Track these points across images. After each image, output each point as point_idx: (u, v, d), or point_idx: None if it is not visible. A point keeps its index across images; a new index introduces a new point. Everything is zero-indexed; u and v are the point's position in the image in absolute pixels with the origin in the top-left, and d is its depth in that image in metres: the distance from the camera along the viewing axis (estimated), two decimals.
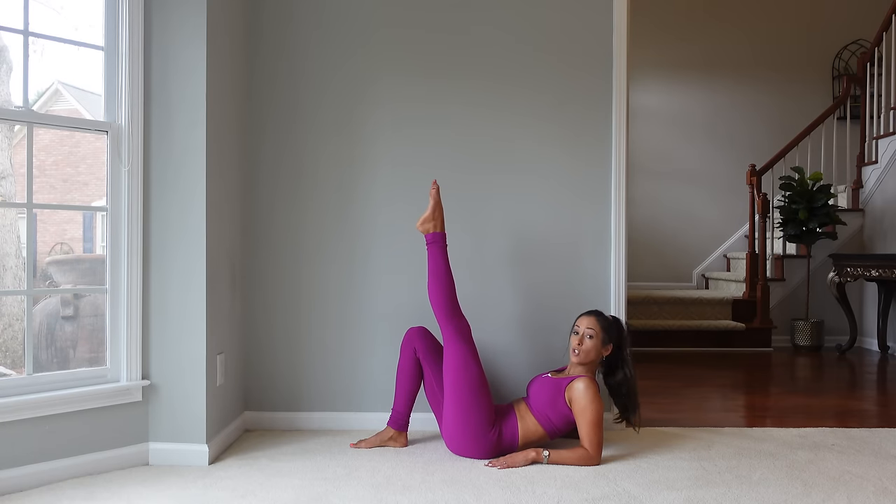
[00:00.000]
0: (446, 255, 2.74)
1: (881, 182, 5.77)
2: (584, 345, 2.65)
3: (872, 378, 4.52)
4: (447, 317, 2.67)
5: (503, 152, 3.11)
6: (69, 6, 3.25)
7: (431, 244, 2.74)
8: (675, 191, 6.88)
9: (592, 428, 2.55)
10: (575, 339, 2.67)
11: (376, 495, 2.27)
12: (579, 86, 3.10)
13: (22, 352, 2.60)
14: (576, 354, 2.66)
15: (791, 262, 5.96)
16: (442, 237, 2.76)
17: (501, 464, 2.55)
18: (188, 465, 2.57)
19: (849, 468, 2.57)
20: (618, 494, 2.28)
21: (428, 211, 2.78)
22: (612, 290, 3.08)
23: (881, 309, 5.48)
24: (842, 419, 3.35)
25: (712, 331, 5.55)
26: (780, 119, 6.75)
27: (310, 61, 3.10)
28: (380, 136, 3.10)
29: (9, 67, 3.64)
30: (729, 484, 2.38)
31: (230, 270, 2.90)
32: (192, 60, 2.60)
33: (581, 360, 2.66)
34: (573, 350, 2.67)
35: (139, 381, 2.58)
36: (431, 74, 3.10)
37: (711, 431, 3.07)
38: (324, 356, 3.10)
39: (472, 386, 2.60)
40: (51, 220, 5.79)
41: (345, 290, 3.10)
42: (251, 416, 3.09)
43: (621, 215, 3.08)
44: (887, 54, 5.82)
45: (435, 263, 2.72)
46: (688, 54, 6.85)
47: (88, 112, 5.17)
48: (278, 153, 3.10)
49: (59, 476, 2.39)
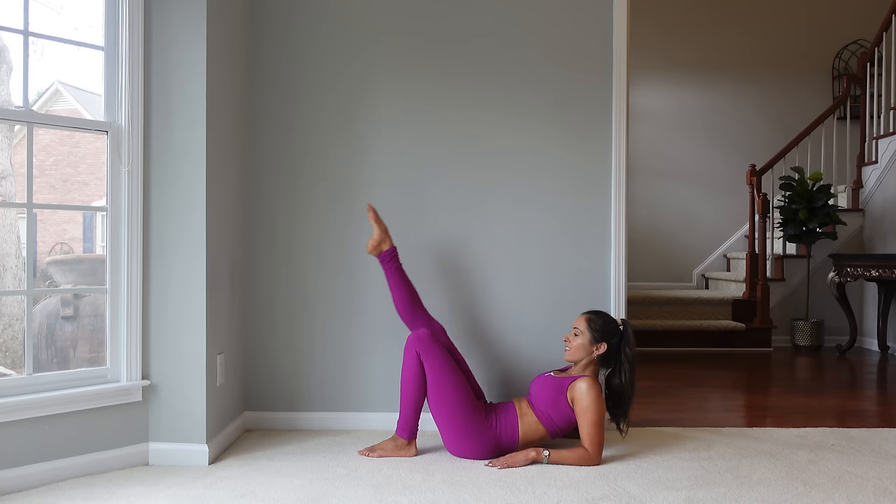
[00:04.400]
0: (401, 267, 2.83)
1: (881, 182, 5.77)
2: (571, 342, 2.69)
3: (872, 378, 4.52)
4: (415, 325, 2.78)
5: (504, 152, 3.11)
6: (69, 6, 3.25)
7: (388, 262, 2.82)
8: (675, 191, 6.88)
9: (593, 428, 2.55)
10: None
11: (376, 495, 2.27)
12: (580, 86, 3.10)
13: (22, 352, 2.60)
14: (566, 351, 2.71)
15: (791, 262, 5.96)
16: (394, 252, 2.84)
17: (501, 464, 2.55)
18: (188, 465, 2.57)
19: (849, 468, 2.56)
20: (618, 494, 2.28)
21: (376, 234, 2.84)
22: (612, 290, 3.08)
23: (881, 309, 5.48)
24: (842, 419, 3.35)
25: (712, 331, 5.55)
26: (780, 119, 6.75)
27: (310, 61, 3.09)
28: (380, 135, 3.10)
29: (9, 67, 3.64)
30: (729, 484, 2.38)
31: (230, 270, 2.90)
32: (192, 60, 2.60)
33: (567, 357, 2.70)
34: (565, 348, 2.72)
35: (139, 381, 2.58)
36: (432, 75, 3.10)
37: (711, 431, 3.07)
38: (324, 356, 3.10)
39: (448, 388, 2.60)
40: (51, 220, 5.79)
41: (345, 290, 3.10)
42: (251, 416, 3.09)
43: (621, 215, 3.08)
44: (887, 54, 5.82)
45: (395, 279, 2.81)
46: (688, 54, 6.85)
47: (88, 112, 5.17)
48: (278, 153, 3.10)
49: (59, 476, 2.39)
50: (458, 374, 2.64)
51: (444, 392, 2.61)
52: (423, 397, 2.67)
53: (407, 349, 2.66)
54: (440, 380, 2.61)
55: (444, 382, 2.61)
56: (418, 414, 2.69)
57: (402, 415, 2.69)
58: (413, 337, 2.66)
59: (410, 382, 2.65)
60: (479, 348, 3.08)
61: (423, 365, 2.63)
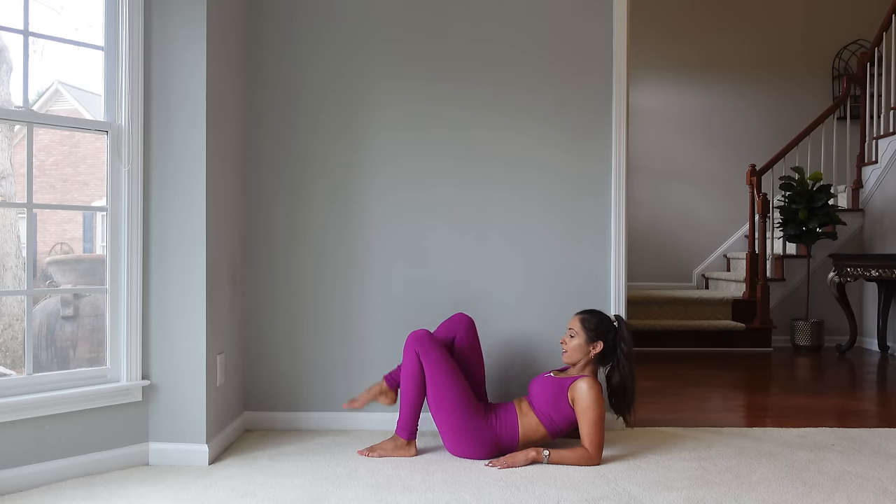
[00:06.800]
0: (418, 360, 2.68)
1: (881, 182, 5.77)
2: (567, 344, 2.69)
3: (872, 378, 4.52)
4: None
5: (504, 152, 3.11)
6: (69, 6, 3.25)
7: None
8: (675, 191, 6.88)
9: (594, 428, 2.55)
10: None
11: (376, 495, 2.27)
12: (580, 87, 3.10)
13: (22, 352, 2.60)
14: (563, 354, 2.70)
15: (791, 262, 5.96)
16: (394, 378, 2.79)
17: (502, 463, 2.55)
18: (188, 465, 2.57)
19: (849, 468, 2.56)
20: (618, 494, 2.28)
21: (376, 396, 2.80)
22: (612, 290, 3.08)
23: (881, 309, 5.48)
24: (842, 419, 3.35)
25: (712, 331, 5.55)
26: (780, 119, 6.75)
27: (311, 61, 3.09)
28: (380, 136, 3.10)
29: (9, 67, 3.64)
30: (729, 484, 2.38)
31: (230, 270, 2.90)
32: (193, 60, 2.60)
33: (565, 359, 2.70)
34: (562, 350, 2.71)
35: (139, 381, 2.58)
36: (432, 76, 3.10)
37: (711, 431, 3.07)
38: (324, 356, 3.10)
39: (447, 388, 2.60)
40: (51, 220, 5.78)
41: (345, 290, 3.10)
42: (251, 416, 3.09)
43: (621, 215, 3.08)
44: (887, 54, 5.82)
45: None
46: (688, 55, 6.85)
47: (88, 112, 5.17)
48: (278, 153, 3.10)
49: (59, 476, 2.39)
50: (458, 374, 2.64)
51: (444, 392, 2.61)
52: (423, 397, 2.67)
53: (406, 349, 2.66)
54: (439, 379, 2.61)
55: (443, 382, 2.61)
56: (418, 414, 2.69)
57: (401, 414, 2.69)
58: (412, 337, 2.66)
59: (410, 382, 2.65)
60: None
61: (422, 365, 2.63)
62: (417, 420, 2.69)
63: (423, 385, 2.65)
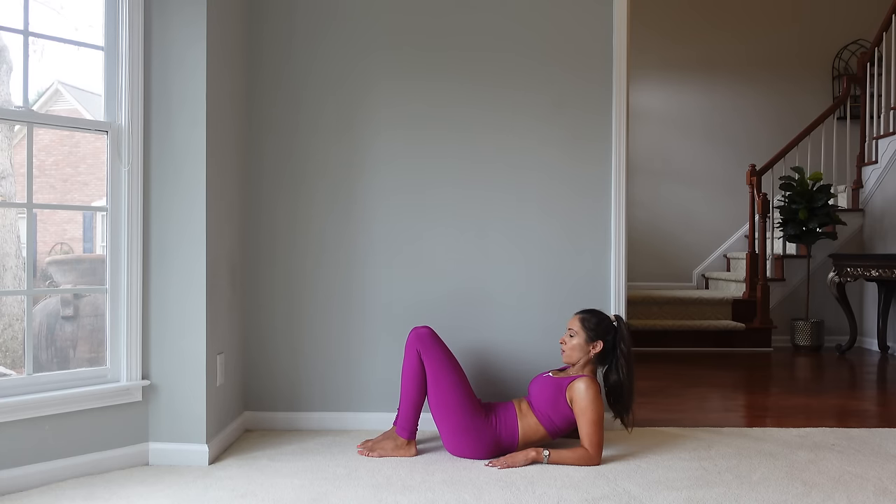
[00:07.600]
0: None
1: (881, 182, 5.77)
2: (567, 343, 2.69)
3: (872, 378, 4.52)
4: None
5: (504, 152, 3.11)
6: (69, 6, 3.24)
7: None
8: (675, 191, 6.88)
9: (593, 428, 2.55)
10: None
11: (376, 495, 2.27)
12: (580, 87, 3.10)
13: (22, 352, 2.60)
14: (563, 353, 2.70)
15: (791, 262, 5.96)
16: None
17: (501, 464, 2.55)
18: (188, 465, 2.57)
19: (849, 468, 2.57)
20: (618, 494, 2.28)
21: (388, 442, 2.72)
22: (612, 290, 3.08)
23: (881, 309, 5.48)
24: (842, 419, 3.35)
25: (712, 331, 5.55)
26: (780, 119, 6.75)
27: (311, 62, 3.09)
28: (380, 137, 3.10)
29: (9, 67, 3.64)
30: (729, 484, 2.38)
31: (230, 270, 2.90)
32: (193, 60, 2.60)
33: (565, 359, 2.70)
34: (561, 350, 2.71)
35: (139, 381, 2.58)
36: (432, 77, 3.10)
37: (711, 431, 3.07)
38: (324, 356, 3.10)
39: (447, 387, 2.60)
40: (51, 220, 5.78)
41: (345, 290, 3.10)
42: (251, 416, 3.09)
43: (621, 215, 3.08)
44: (887, 54, 5.82)
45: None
46: (688, 55, 6.85)
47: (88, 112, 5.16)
48: (278, 153, 3.10)
49: (59, 476, 2.39)
50: (459, 373, 2.64)
51: (444, 391, 2.61)
52: (424, 396, 2.67)
53: (408, 347, 2.67)
54: (440, 378, 2.61)
55: (443, 381, 2.61)
56: (418, 413, 2.68)
57: (401, 413, 2.69)
58: (414, 335, 2.66)
59: (410, 381, 2.65)
60: (478, 347, 3.08)
61: (423, 363, 2.63)
62: (418, 419, 2.69)
63: (424, 383, 2.65)
